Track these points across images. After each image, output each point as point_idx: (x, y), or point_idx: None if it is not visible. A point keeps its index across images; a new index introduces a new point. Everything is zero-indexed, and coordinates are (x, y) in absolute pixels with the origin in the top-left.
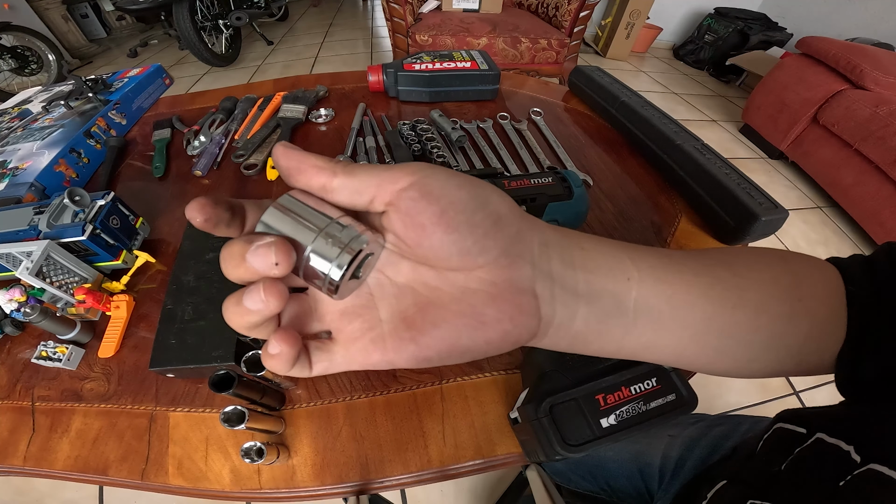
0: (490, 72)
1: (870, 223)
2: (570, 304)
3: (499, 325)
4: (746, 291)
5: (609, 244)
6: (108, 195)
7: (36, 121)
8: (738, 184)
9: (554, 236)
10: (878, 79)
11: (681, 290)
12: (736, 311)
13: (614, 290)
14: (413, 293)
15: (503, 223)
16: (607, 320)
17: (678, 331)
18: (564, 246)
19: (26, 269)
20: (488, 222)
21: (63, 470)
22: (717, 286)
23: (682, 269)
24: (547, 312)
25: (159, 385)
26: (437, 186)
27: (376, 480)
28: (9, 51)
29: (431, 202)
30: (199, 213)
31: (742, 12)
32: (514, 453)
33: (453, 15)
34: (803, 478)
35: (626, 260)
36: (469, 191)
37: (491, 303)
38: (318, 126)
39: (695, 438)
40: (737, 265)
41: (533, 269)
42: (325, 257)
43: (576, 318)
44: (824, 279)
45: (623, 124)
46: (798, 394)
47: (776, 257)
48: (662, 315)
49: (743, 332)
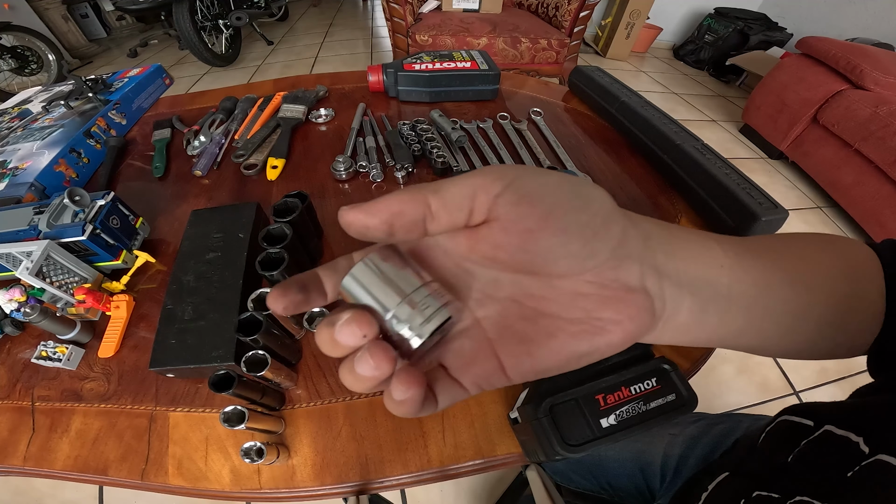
0: (490, 72)
1: (870, 223)
2: (676, 296)
3: (619, 327)
4: (815, 275)
5: (695, 232)
6: (108, 195)
7: (36, 121)
8: (738, 184)
9: (654, 228)
10: (878, 79)
11: (764, 275)
12: (809, 294)
13: (710, 278)
14: (518, 306)
15: (609, 222)
16: (707, 309)
17: (762, 316)
18: (662, 237)
19: (26, 269)
20: (597, 222)
21: (63, 470)
22: (788, 271)
23: (759, 255)
24: (659, 307)
25: (159, 385)
26: (535, 187)
27: (376, 480)
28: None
29: (534, 204)
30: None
31: (742, 12)
32: (514, 453)
33: (453, 15)
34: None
35: (716, 247)
36: (570, 189)
37: (606, 306)
38: (318, 126)
39: (696, 437)
40: (794, 250)
41: (641, 266)
42: (408, 326)
43: (681, 309)
44: (870, 259)
45: (623, 124)
46: (798, 394)
47: (825, 241)
48: (750, 300)
49: (816, 313)
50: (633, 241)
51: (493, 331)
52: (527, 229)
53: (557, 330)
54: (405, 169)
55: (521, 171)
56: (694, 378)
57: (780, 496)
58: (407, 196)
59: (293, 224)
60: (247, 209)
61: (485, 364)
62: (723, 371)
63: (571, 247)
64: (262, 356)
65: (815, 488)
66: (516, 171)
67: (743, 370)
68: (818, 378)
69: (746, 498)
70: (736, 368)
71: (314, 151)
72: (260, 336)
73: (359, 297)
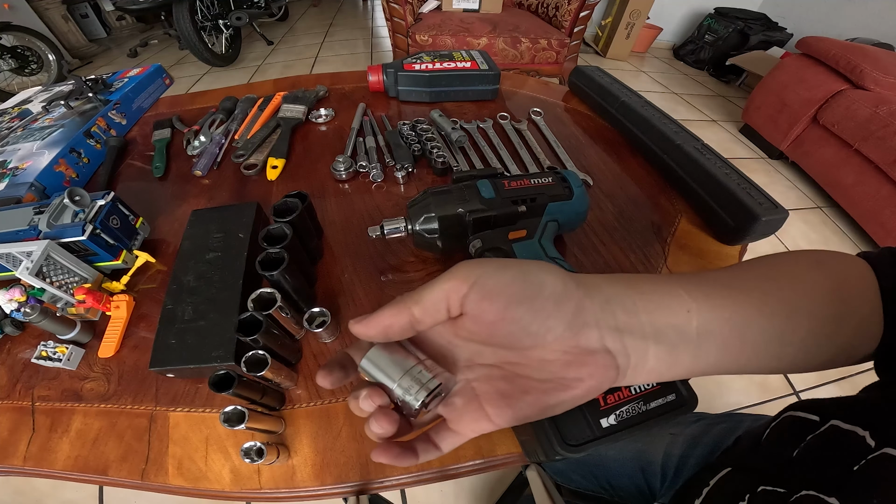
0: (490, 72)
1: (870, 223)
2: (640, 347)
3: (581, 384)
4: (795, 301)
5: (664, 281)
6: (108, 195)
7: (36, 121)
8: (738, 184)
9: (614, 290)
10: (878, 79)
11: (736, 311)
12: (789, 321)
13: (677, 324)
14: (498, 370)
15: (562, 301)
16: (675, 351)
17: (740, 347)
18: (625, 296)
19: (26, 269)
20: (549, 305)
21: (63, 470)
22: (769, 301)
23: (731, 292)
24: (622, 362)
25: (159, 385)
26: (493, 284)
27: (376, 480)
28: (9, 51)
29: (493, 301)
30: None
31: (742, 12)
32: (514, 453)
33: (453, 15)
34: (816, 463)
35: (683, 294)
36: (523, 281)
37: (569, 367)
38: (318, 126)
39: (697, 436)
40: (779, 277)
41: (599, 331)
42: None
43: (648, 357)
44: (862, 277)
45: (623, 124)
46: (798, 394)
47: (812, 261)
48: (724, 336)
49: (798, 337)
50: (590, 310)
51: (479, 389)
52: (490, 321)
53: (531, 388)
54: (405, 169)
55: (482, 270)
56: (694, 378)
57: (785, 491)
58: (395, 310)
59: (293, 224)
60: (247, 209)
61: (474, 414)
62: None
63: (530, 328)
64: (262, 356)
65: (820, 482)
66: (478, 271)
67: None
68: (818, 378)
69: (751, 493)
70: None
71: (314, 151)
72: (260, 336)
73: (373, 374)
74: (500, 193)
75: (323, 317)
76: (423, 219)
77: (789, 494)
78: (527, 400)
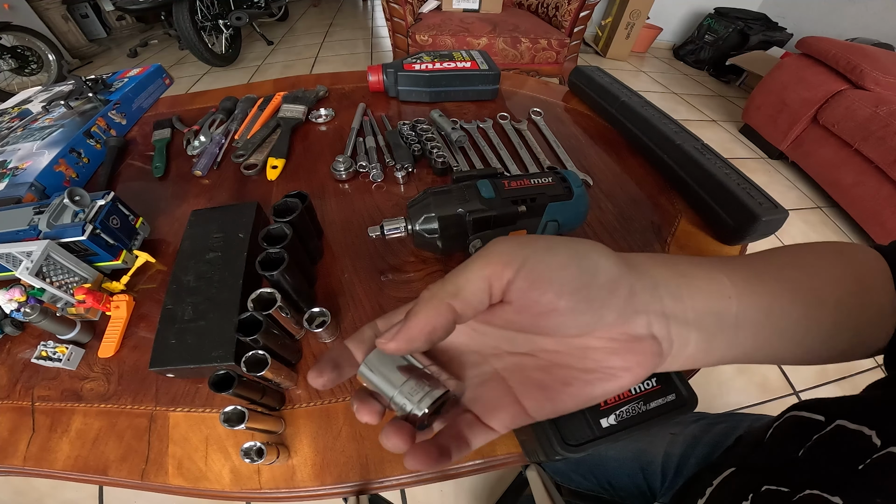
0: (490, 72)
1: (870, 223)
2: (682, 334)
3: (628, 373)
4: (822, 291)
5: (705, 265)
6: (108, 195)
7: (36, 121)
8: (738, 184)
9: (661, 273)
10: (878, 79)
11: (773, 299)
12: (817, 310)
13: (718, 310)
14: (533, 359)
15: (616, 288)
16: (714, 339)
17: (770, 336)
18: (670, 281)
19: (26, 269)
20: (603, 293)
21: (63, 470)
22: (799, 290)
23: (765, 279)
24: (666, 347)
25: (159, 385)
26: (543, 270)
27: (376, 480)
28: (9, 51)
29: (545, 290)
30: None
31: (742, 12)
32: (514, 453)
33: (453, 15)
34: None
35: (724, 279)
36: (576, 265)
37: (615, 355)
38: (318, 126)
39: (697, 436)
40: (805, 266)
41: (648, 317)
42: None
43: (689, 344)
44: (879, 268)
45: (623, 124)
46: (798, 394)
47: (833, 251)
48: (759, 325)
49: (823, 328)
50: (640, 296)
51: (512, 380)
52: (539, 313)
53: (572, 378)
54: (405, 169)
55: (529, 251)
56: (694, 378)
57: (789, 490)
58: (433, 310)
59: (293, 224)
60: (247, 209)
61: (509, 409)
62: (723, 371)
63: (581, 318)
64: (262, 356)
65: (824, 481)
66: (524, 252)
67: (743, 370)
68: (818, 378)
69: (755, 492)
70: (736, 368)
71: (314, 151)
72: (260, 336)
73: (373, 381)
74: (500, 193)
75: (323, 317)
76: (423, 219)
77: (793, 493)
78: (569, 392)
